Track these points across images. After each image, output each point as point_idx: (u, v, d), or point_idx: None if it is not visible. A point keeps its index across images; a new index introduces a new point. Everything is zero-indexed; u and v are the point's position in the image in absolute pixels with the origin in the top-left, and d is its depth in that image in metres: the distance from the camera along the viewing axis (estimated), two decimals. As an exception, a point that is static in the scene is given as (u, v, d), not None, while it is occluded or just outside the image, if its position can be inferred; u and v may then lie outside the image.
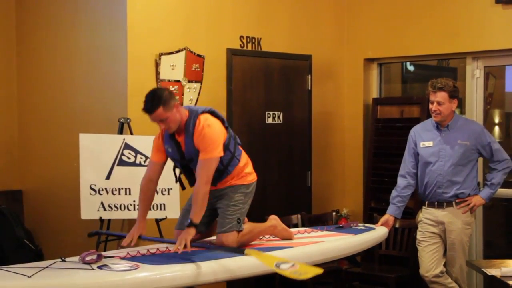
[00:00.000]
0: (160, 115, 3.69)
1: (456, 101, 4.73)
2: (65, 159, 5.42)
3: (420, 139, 4.83)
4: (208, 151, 3.72)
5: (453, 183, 4.69)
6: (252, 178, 4.02)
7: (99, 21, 5.35)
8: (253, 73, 5.86)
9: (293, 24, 6.17)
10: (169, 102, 3.71)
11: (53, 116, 5.70)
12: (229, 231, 3.83)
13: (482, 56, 5.89)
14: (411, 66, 6.85)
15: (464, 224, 4.72)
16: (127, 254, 3.66)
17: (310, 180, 6.32)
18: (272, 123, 6.01)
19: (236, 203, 3.89)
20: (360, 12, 6.52)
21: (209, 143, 3.72)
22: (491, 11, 5.65)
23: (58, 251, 4.76)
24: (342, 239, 4.35)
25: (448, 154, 4.70)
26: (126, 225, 5.11)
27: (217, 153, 3.74)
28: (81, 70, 5.47)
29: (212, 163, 3.73)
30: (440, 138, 4.74)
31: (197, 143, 3.74)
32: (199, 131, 3.74)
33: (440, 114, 4.67)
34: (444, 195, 4.72)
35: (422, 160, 4.79)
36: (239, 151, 3.97)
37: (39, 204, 5.86)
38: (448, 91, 4.63)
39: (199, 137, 3.73)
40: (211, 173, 3.74)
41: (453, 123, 4.74)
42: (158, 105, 3.68)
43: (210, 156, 3.72)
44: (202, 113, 3.81)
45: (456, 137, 4.71)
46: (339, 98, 6.62)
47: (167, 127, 3.75)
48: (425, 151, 4.78)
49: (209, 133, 3.74)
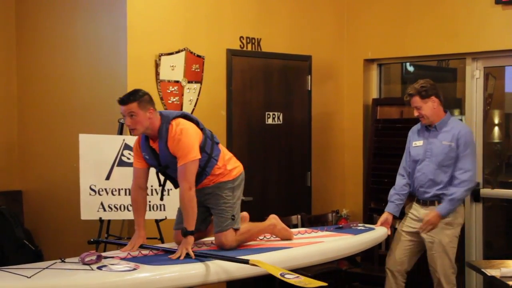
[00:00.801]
0: (131, 109, 3.68)
1: (434, 98, 4.71)
2: (65, 159, 5.42)
3: (413, 139, 4.90)
4: (184, 155, 3.69)
5: (435, 183, 4.71)
6: (237, 172, 3.99)
7: (99, 21, 5.35)
8: (253, 74, 5.86)
9: (293, 24, 6.17)
10: (146, 103, 3.71)
11: (53, 117, 5.70)
12: (226, 229, 3.83)
13: (482, 56, 5.89)
14: (411, 66, 6.84)
15: (444, 224, 4.69)
16: (127, 254, 3.66)
17: (310, 181, 6.32)
18: (272, 123, 6.01)
19: (226, 200, 3.89)
20: (360, 13, 6.52)
21: (184, 147, 3.70)
22: (491, 11, 5.65)
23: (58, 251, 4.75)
24: (342, 240, 4.35)
25: (434, 154, 4.73)
26: (126, 226, 5.11)
27: (193, 156, 3.71)
28: (81, 70, 5.47)
29: (190, 167, 3.71)
30: (428, 138, 4.79)
31: (173, 150, 3.72)
32: (173, 137, 3.71)
33: (424, 117, 4.72)
34: (425, 194, 4.75)
35: (412, 159, 4.86)
36: (217, 150, 3.94)
37: (39, 204, 5.86)
38: (417, 94, 4.68)
39: (174, 142, 3.71)
40: (192, 178, 3.72)
41: (441, 123, 4.76)
42: (134, 99, 3.69)
43: (188, 160, 3.69)
44: (174, 118, 3.78)
45: (442, 137, 4.73)
46: (339, 98, 6.62)
47: (133, 126, 3.71)
48: (414, 150, 4.84)
49: (184, 137, 3.71)
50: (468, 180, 4.65)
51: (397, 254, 4.84)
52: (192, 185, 3.71)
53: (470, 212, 5.95)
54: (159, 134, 3.76)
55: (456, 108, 6.54)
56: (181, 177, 3.71)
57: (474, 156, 4.78)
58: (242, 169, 4.04)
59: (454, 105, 6.55)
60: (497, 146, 6.41)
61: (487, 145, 6.06)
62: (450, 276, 4.72)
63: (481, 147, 5.91)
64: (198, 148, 3.76)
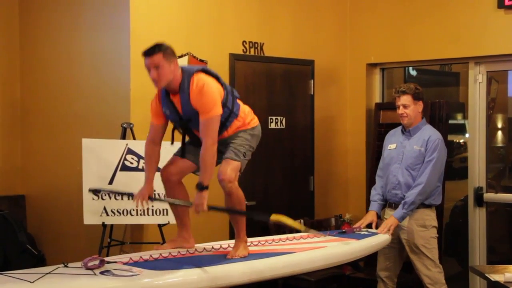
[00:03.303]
0: (157, 60, 3.60)
1: (421, 103, 4.87)
2: (68, 164, 5.42)
3: (389, 141, 5.04)
4: (207, 110, 3.63)
5: (404, 185, 4.79)
6: (254, 122, 3.91)
7: (102, 26, 5.35)
8: (256, 78, 5.85)
9: (295, 29, 6.17)
10: (170, 55, 3.65)
11: (56, 121, 5.71)
12: (234, 159, 3.73)
13: (485, 61, 5.88)
14: (413, 71, 6.84)
15: (419, 227, 4.78)
16: (129, 259, 3.65)
17: (313, 185, 6.31)
18: (275, 128, 6.00)
19: (242, 140, 3.79)
20: (362, 18, 6.52)
21: (207, 103, 3.63)
22: (493, 16, 5.65)
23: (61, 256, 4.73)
24: (345, 244, 4.33)
25: (404, 157, 4.84)
26: (128, 230, 5.10)
27: (216, 111, 3.65)
28: (84, 75, 5.48)
29: (213, 122, 3.64)
30: (402, 142, 4.91)
31: (195, 103, 3.65)
32: (195, 91, 3.64)
33: (407, 116, 4.84)
34: (395, 197, 4.84)
35: (385, 162, 4.97)
36: (237, 105, 3.88)
37: (41, 209, 5.86)
38: (411, 94, 4.82)
39: (197, 96, 3.64)
40: (215, 133, 3.65)
41: (415, 128, 4.87)
42: (160, 50, 3.61)
43: (211, 116, 3.63)
44: (195, 73, 3.71)
45: (413, 142, 4.84)
46: (342, 103, 6.62)
47: (157, 79, 3.63)
48: (388, 153, 4.97)
49: (206, 92, 3.64)
50: (423, 183, 4.70)
51: (381, 260, 4.99)
52: (215, 140, 3.65)
53: (474, 217, 5.94)
54: (181, 88, 3.68)
55: (459, 112, 6.53)
56: (204, 133, 3.64)
57: (439, 163, 4.78)
58: (258, 121, 3.97)
59: (457, 109, 6.55)
60: (500, 150, 6.40)
61: (490, 150, 6.06)
62: (436, 276, 4.78)
63: (484, 151, 5.92)
64: (220, 103, 3.69)
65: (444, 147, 4.86)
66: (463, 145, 6.55)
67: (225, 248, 3.95)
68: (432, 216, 4.85)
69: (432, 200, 4.82)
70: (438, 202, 4.90)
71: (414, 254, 4.80)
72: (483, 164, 5.92)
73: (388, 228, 4.68)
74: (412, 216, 4.77)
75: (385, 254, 4.94)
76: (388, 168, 4.93)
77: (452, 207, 6.36)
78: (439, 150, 4.79)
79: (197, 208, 3.61)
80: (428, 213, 4.82)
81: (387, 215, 4.90)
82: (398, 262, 4.99)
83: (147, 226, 5.11)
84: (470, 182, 5.98)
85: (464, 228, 6.00)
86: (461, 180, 6.12)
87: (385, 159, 5.00)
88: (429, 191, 4.76)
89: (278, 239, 4.35)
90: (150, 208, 4.82)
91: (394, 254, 4.94)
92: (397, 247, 4.90)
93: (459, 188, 6.19)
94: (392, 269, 4.96)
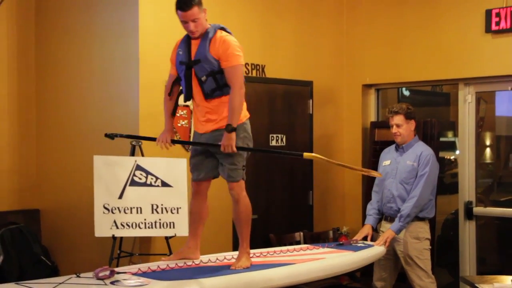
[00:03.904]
0: (194, 14, 3.62)
1: (413, 122, 4.90)
2: (80, 179, 5.43)
3: (384, 158, 5.07)
4: (234, 57, 3.64)
5: (400, 199, 4.80)
6: (244, 114, 3.84)
7: (112, 49, 5.38)
8: (258, 98, 5.87)
9: (295, 52, 6.20)
10: (201, 5, 3.66)
11: (69, 139, 5.72)
12: (238, 180, 3.75)
13: (474, 82, 5.91)
14: (406, 91, 6.86)
15: (412, 239, 4.78)
16: (138, 270, 3.65)
17: (311, 200, 6.31)
18: (276, 145, 6.01)
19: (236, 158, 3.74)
20: (358, 41, 6.55)
21: (233, 52, 3.64)
22: (481, 40, 5.68)
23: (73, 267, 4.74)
24: (343, 256, 4.33)
25: (398, 172, 4.86)
26: (137, 242, 5.10)
27: (241, 61, 3.68)
28: (96, 95, 5.50)
29: (238, 70, 3.66)
30: (396, 158, 4.94)
31: (216, 50, 3.65)
32: (221, 39, 3.66)
33: (400, 135, 4.88)
34: (390, 210, 4.85)
35: (380, 177, 4.95)
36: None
37: (55, 222, 5.86)
38: (403, 114, 4.86)
39: (222, 45, 3.65)
40: (241, 79, 3.66)
41: (408, 145, 4.90)
42: (194, 3, 3.62)
43: (237, 63, 3.66)
44: (221, 28, 3.74)
45: (407, 157, 4.87)
46: (339, 121, 6.63)
47: (194, 30, 3.65)
48: (383, 169, 4.98)
49: (230, 42, 3.67)
50: (416, 196, 4.71)
51: (377, 271, 4.98)
52: (243, 85, 3.67)
53: (464, 229, 5.93)
54: (204, 35, 3.70)
55: (449, 131, 6.54)
56: (232, 78, 3.64)
57: (431, 177, 4.80)
58: (248, 115, 3.91)
59: (447, 127, 6.56)
60: (489, 166, 6.40)
61: (479, 166, 6.06)
62: (428, 286, 4.79)
63: (474, 168, 5.92)
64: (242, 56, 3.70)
65: (436, 162, 4.88)
66: (453, 161, 6.56)
67: (229, 259, 3.94)
68: (425, 228, 4.85)
69: (425, 213, 4.82)
70: (431, 215, 4.90)
71: (408, 265, 4.80)
72: (472, 180, 5.93)
73: (385, 241, 4.68)
74: (407, 229, 4.78)
75: (381, 265, 4.94)
76: (383, 183, 4.95)
77: (444, 220, 6.36)
78: (431, 164, 4.80)
79: (226, 148, 3.61)
80: (421, 225, 4.82)
81: (384, 227, 4.90)
82: (393, 273, 4.98)
83: (155, 238, 5.11)
84: (460, 197, 5.98)
85: (455, 240, 6.00)
86: (452, 195, 6.12)
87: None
88: (423, 203, 4.76)
89: (279, 250, 4.35)
90: (157, 221, 4.83)
91: (390, 265, 4.94)
92: (393, 258, 4.90)
93: (450, 202, 6.18)
94: (387, 280, 4.96)
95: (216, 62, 3.67)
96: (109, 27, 5.42)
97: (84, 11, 5.62)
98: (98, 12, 5.51)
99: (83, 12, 5.63)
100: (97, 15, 5.52)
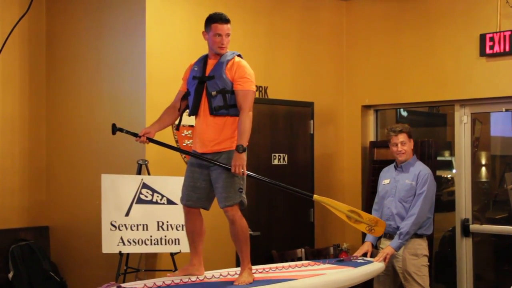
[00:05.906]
0: (230, 29, 3.74)
1: (412, 141, 4.93)
2: (88, 197, 5.43)
3: (383, 177, 5.07)
4: (248, 83, 3.69)
5: (399, 217, 4.80)
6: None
7: (120, 70, 5.41)
8: (260, 119, 5.89)
9: (296, 74, 6.23)
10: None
11: (78, 158, 5.74)
12: (234, 204, 3.67)
13: (469, 103, 5.92)
14: (404, 112, 6.88)
15: (411, 255, 4.77)
16: (144, 285, 3.64)
17: (313, 217, 6.30)
18: (278, 164, 6.02)
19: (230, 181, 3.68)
20: (357, 64, 6.58)
21: (247, 75, 3.70)
22: (476, 63, 5.70)
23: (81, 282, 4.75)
24: (343, 272, 4.32)
25: (397, 191, 4.86)
26: (143, 259, 5.09)
27: (253, 87, 3.73)
28: (104, 116, 5.51)
29: (250, 95, 3.69)
30: (395, 177, 4.94)
31: (233, 72, 3.69)
32: (239, 63, 3.72)
33: (405, 153, 4.88)
34: (389, 228, 4.81)
35: (379, 196, 5.00)
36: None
37: (64, 239, 5.86)
38: (406, 132, 4.88)
39: (239, 68, 3.70)
40: (251, 103, 3.68)
41: (407, 164, 4.90)
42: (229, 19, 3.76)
43: (249, 88, 3.69)
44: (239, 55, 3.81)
45: (406, 176, 4.87)
46: (339, 141, 6.64)
47: (226, 45, 3.75)
48: (382, 188, 5.00)
49: (246, 67, 3.72)
50: (415, 214, 4.71)
51: (376, 287, 4.96)
52: (251, 108, 3.68)
53: (461, 247, 5.91)
54: (222, 57, 3.76)
55: (446, 150, 6.55)
56: (242, 101, 3.66)
57: (429, 195, 4.79)
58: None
59: (444, 147, 6.56)
60: (484, 185, 6.39)
61: (475, 184, 6.05)
62: None
63: (470, 186, 5.92)
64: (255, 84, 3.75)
65: (433, 181, 4.88)
66: (450, 180, 6.55)
67: (232, 275, 3.93)
68: (423, 245, 4.84)
69: (424, 230, 4.81)
70: (429, 232, 4.89)
71: (407, 281, 4.79)
72: (469, 198, 5.92)
73: (385, 257, 4.67)
74: (406, 246, 4.77)
75: (380, 281, 4.92)
76: (382, 202, 4.95)
77: (441, 237, 6.34)
78: (429, 183, 4.80)
79: (237, 169, 3.59)
80: (420, 242, 4.81)
81: (383, 244, 4.89)
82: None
83: (161, 254, 5.10)
84: (457, 214, 5.97)
85: (452, 257, 5.97)
86: (449, 212, 6.11)
87: (380, 193, 5.02)
88: (422, 221, 4.76)
89: (281, 266, 4.34)
90: (163, 238, 4.83)
91: (389, 281, 4.92)
92: (392, 274, 4.89)
93: (447, 220, 6.17)
94: None
95: (230, 83, 3.71)
96: (117, 52, 5.46)
97: (94, 38, 5.66)
98: (107, 38, 5.55)
99: (92, 39, 5.67)
100: (106, 41, 5.56)
